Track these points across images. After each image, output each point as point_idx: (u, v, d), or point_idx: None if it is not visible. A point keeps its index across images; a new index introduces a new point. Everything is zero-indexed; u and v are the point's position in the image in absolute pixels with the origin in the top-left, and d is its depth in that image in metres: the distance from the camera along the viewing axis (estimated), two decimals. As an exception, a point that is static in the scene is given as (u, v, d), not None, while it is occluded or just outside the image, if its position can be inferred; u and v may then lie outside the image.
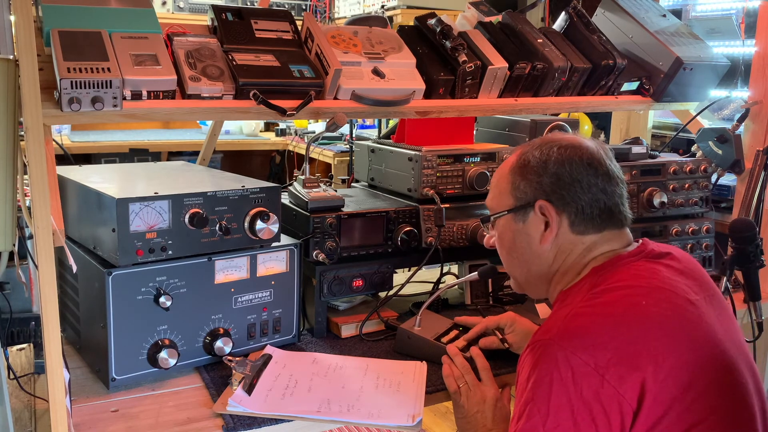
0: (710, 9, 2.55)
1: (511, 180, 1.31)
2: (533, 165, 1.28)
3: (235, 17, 1.57)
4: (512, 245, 1.33)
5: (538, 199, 1.26)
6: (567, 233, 1.26)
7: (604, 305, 1.15)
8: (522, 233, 1.30)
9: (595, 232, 1.26)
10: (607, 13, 2.04)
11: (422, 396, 1.40)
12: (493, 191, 1.37)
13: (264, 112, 1.47)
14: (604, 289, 1.18)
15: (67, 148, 3.63)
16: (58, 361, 1.15)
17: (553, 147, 1.28)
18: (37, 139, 1.12)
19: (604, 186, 1.25)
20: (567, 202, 1.25)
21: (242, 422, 1.29)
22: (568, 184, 1.25)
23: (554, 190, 1.25)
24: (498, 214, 1.34)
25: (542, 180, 1.26)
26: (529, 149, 1.31)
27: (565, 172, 1.25)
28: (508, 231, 1.33)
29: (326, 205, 1.67)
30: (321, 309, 1.69)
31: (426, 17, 1.78)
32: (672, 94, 1.98)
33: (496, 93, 1.75)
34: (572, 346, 1.08)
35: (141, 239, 1.37)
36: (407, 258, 1.79)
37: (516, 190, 1.30)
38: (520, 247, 1.31)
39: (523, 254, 1.32)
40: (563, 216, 1.26)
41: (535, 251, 1.29)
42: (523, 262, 1.33)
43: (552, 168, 1.26)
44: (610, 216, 1.26)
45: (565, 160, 1.26)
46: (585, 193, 1.25)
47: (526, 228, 1.29)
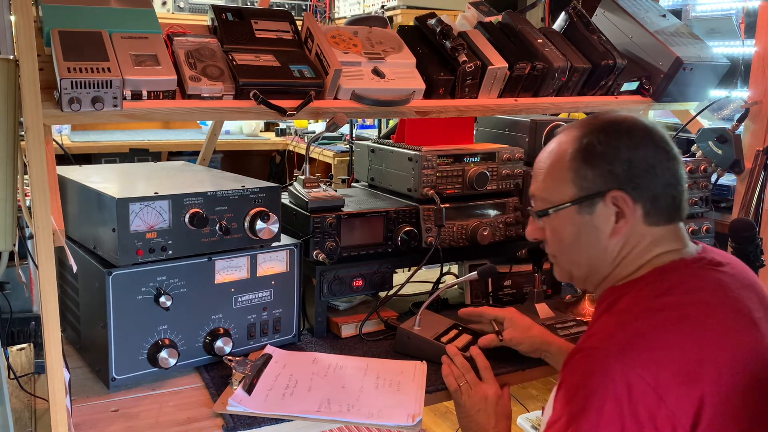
0: (710, 9, 2.55)
1: (574, 168, 1.17)
2: (601, 151, 1.15)
3: (235, 17, 1.57)
4: (575, 239, 1.20)
5: (611, 190, 1.14)
6: (639, 225, 1.16)
7: (668, 319, 1.05)
8: (589, 226, 1.18)
9: (665, 223, 1.17)
10: (607, 13, 2.04)
11: (422, 396, 1.40)
12: (546, 180, 1.22)
13: (264, 112, 1.47)
14: (669, 300, 1.09)
15: (67, 148, 3.63)
16: (58, 361, 1.15)
17: (620, 129, 1.16)
18: (37, 139, 1.12)
19: (676, 170, 1.16)
20: (642, 190, 1.14)
21: (242, 422, 1.29)
22: (643, 170, 1.13)
23: (629, 178, 1.13)
24: (559, 207, 1.20)
25: (614, 168, 1.14)
26: (589, 132, 1.18)
27: (638, 157, 1.13)
28: (570, 224, 1.20)
29: (326, 205, 1.67)
30: (321, 309, 1.69)
31: (426, 17, 1.78)
32: (672, 94, 1.98)
33: (496, 93, 1.75)
34: (631, 361, 1.00)
35: (141, 239, 1.37)
36: (407, 258, 1.79)
37: (581, 180, 1.16)
38: (586, 241, 1.19)
39: (589, 249, 1.20)
40: (638, 206, 1.15)
41: (602, 245, 1.18)
42: (587, 257, 1.21)
43: (625, 153, 1.14)
44: (680, 205, 1.17)
45: (638, 144, 1.14)
46: (659, 179, 1.14)
47: (594, 220, 1.17)
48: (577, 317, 1.78)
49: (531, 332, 1.55)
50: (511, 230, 1.89)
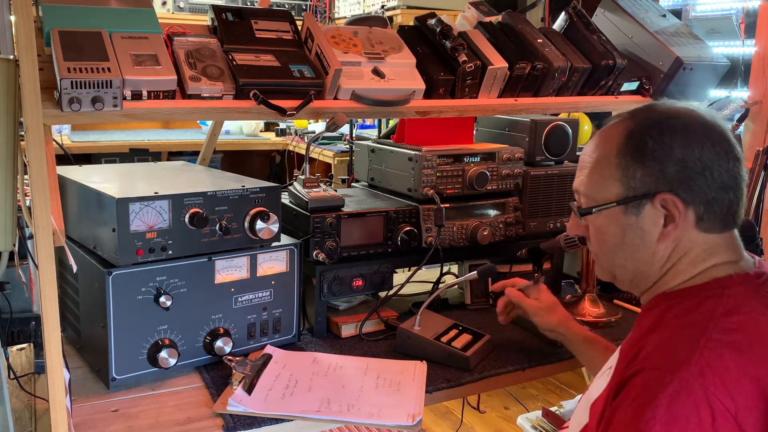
0: (710, 9, 2.55)
1: (622, 164, 1.08)
2: (653, 148, 1.06)
3: (235, 17, 1.57)
4: (620, 241, 1.12)
5: (661, 191, 1.05)
6: (691, 230, 1.07)
7: (741, 341, 0.96)
8: (635, 228, 1.09)
9: (720, 230, 1.08)
10: (607, 13, 2.04)
11: (422, 396, 1.40)
12: (592, 176, 1.13)
13: (264, 112, 1.47)
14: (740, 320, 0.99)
15: (67, 148, 3.63)
16: (58, 360, 1.15)
17: (676, 125, 1.06)
18: (37, 139, 1.12)
19: (735, 171, 1.05)
20: (695, 194, 1.04)
21: (242, 422, 1.29)
22: (697, 172, 1.04)
23: (681, 179, 1.04)
24: (603, 206, 1.11)
25: (666, 168, 1.05)
26: (641, 126, 1.09)
27: (693, 157, 1.04)
28: (615, 225, 1.11)
29: (326, 205, 1.67)
30: (321, 309, 1.69)
31: (426, 17, 1.78)
32: (672, 94, 1.98)
33: (496, 93, 1.75)
34: (714, 387, 0.91)
35: (141, 239, 1.37)
36: (407, 258, 1.79)
37: (630, 179, 1.08)
38: (632, 244, 1.11)
39: (634, 252, 1.11)
40: (690, 210, 1.06)
41: (649, 249, 1.10)
42: (633, 261, 1.13)
43: (678, 152, 1.04)
44: (736, 211, 1.07)
45: (694, 142, 1.04)
46: (715, 182, 1.04)
47: (640, 223, 1.09)
48: (577, 317, 1.78)
49: (554, 311, 1.55)
50: (511, 230, 1.89)
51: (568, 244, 1.72)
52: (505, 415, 3.29)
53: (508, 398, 3.38)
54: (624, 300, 1.93)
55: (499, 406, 3.36)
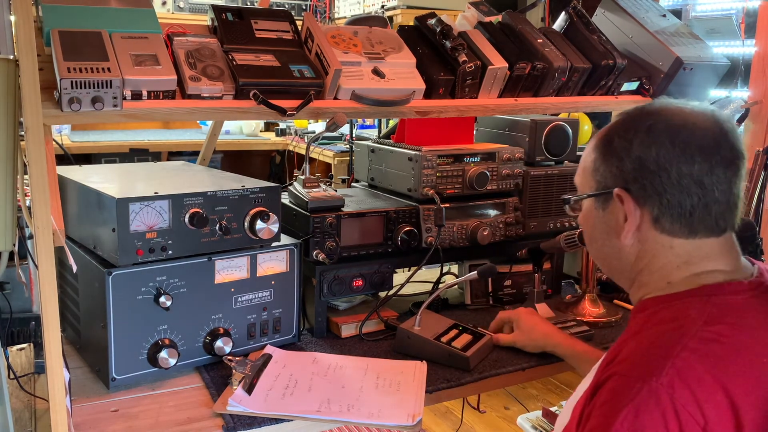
0: (710, 9, 2.55)
1: (594, 159, 1.13)
2: (616, 146, 1.09)
3: (235, 17, 1.57)
4: (592, 233, 1.18)
5: (617, 187, 1.08)
6: (651, 231, 1.07)
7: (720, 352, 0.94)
8: (601, 222, 1.13)
9: (687, 235, 1.06)
10: (607, 13, 2.04)
11: (422, 396, 1.40)
12: (580, 166, 1.19)
13: (264, 112, 1.47)
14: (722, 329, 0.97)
15: (67, 148, 3.63)
16: (58, 361, 1.15)
17: (642, 124, 1.07)
18: (37, 139, 1.12)
19: (702, 177, 1.03)
20: (649, 194, 1.05)
21: (242, 422, 1.29)
22: (652, 172, 1.04)
23: (636, 177, 1.06)
24: (578, 197, 1.18)
25: (623, 165, 1.07)
26: (617, 123, 1.12)
27: (650, 156, 1.04)
28: (590, 216, 1.16)
29: (326, 205, 1.67)
30: (321, 309, 1.69)
31: (426, 17, 1.78)
32: (672, 94, 1.98)
33: (496, 93, 1.75)
34: (683, 398, 0.89)
35: (141, 239, 1.37)
36: (407, 258, 1.79)
37: (597, 174, 1.12)
38: (599, 237, 1.16)
39: (603, 245, 1.15)
40: (644, 210, 1.06)
41: (614, 244, 1.12)
42: (604, 255, 1.17)
43: (636, 151, 1.06)
44: (705, 216, 1.05)
45: (653, 142, 1.05)
46: (673, 185, 1.03)
47: (606, 217, 1.12)
48: (577, 317, 1.78)
49: (533, 334, 1.59)
50: (511, 230, 1.89)
51: (568, 244, 1.72)
52: (505, 415, 3.29)
53: (508, 398, 3.38)
54: (624, 300, 1.93)
55: (499, 406, 3.36)
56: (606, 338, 1.69)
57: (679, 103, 1.11)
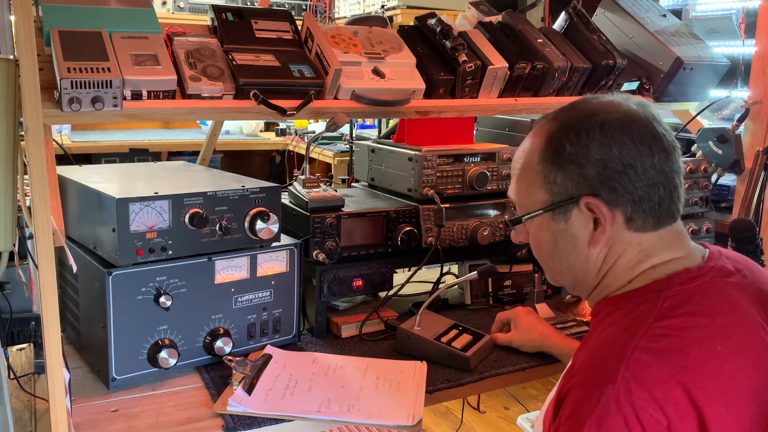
0: (710, 9, 2.55)
1: (543, 171, 1.06)
2: (571, 152, 1.02)
3: (235, 17, 1.57)
4: (552, 248, 1.10)
5: (583, 195, 1.02)
6: (622, 231, 1.03)
7: (672, 347, 0.91)
8: (565, 234, 1.07)
9: (654, 227, 1.03)
10: (607, 13, 2.04)
11: (422, 396, 1.40)
12: (519, 183, 1.12)
13: (264, 112, 1.47)
14: (672, 323, 0.94)
15: (67, 148, 3.63)
16: (58, 361, 1.15)
17: (594, 123, 1.02)
18: (37, 139, 1.12)
19: (662, 165, 1.01)
20: (620, 194, 1.01)
21: (242, 422, 1.29)
22: (619, 172, 1.00)
23: (603, 181, 1.01)
24: (531, 215, 1.10)
25: (585, 171, 1.01)
26: (559, 128, 1.05)
27: (613, 156, 1.00)
28: (546, 232, 1.09)
29: (326, 205, 1.67)
30: (321, 309, 1.69)
31: (426, 17, 1.78)
32: (672, 94, 1.98)
33: (496, 93, 1.75)
34: (642, 400, 0.87)
35: (141, 239, 1.37)
36: (407, 258, 1.79)
37: (552, 184, 1.05)
38: (564, 250, 1.09)
39: (568, 258, 1.09)
40: (617, 211, 1.02)
41: (581, 254, 1.07)
42: (568, 267, 1.10)
43: (596, 154, 1.00)
44: (669, 206, 1.03)
45: (612, 141, 1.00)
46: (640, 179, 1.00)
47: (570, 228, 1.06)
48: (577, 317, 1.78)
49: (531, 335, 1.59)
50: (511, 230, 1.89)
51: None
52: (505, 415, 3.29)
53: (508, 398, 3.38)
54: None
55: (499, 406, 3.36)
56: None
57: (598, 96, 1.09)
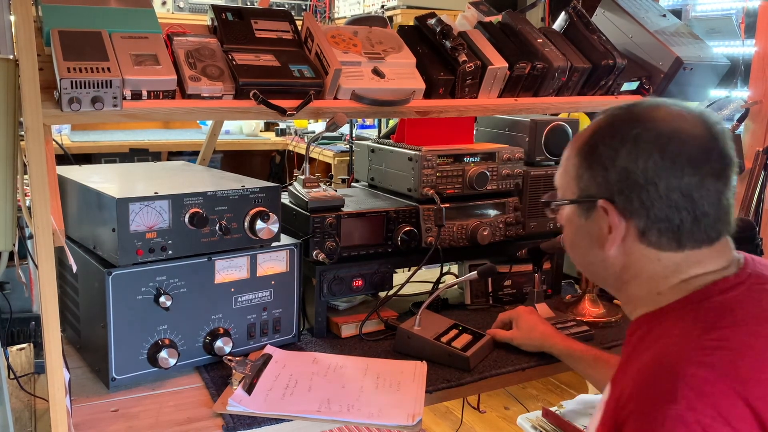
0: (710, 9, 2.55)
1: (576, 164, 1.06)
2: (601, 153, 1.01)
3: (235, 17, 1.57)
4: (573, 240, 1.12)
5: (601, 198, 1.02)
6: (636, 244, 1.02)
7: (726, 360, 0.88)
8: (583, 230, 1.07)
9: (676, 248, 1.00)
10: (607, 13, 2.04)
11: (422, 396, 1.40)
12: (561, 171, 1.11)
13: (264, 112, 1.47)
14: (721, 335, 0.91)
15: (67, 148, 3.63)
16: (58, 361, 1.15)
17: (630, 130, 1.00)
18: (37, 139, 1.12)
19: (691, 192, 0.97)
20: (635, 207, 0.99)
21: (242, 422, 1.29)
22: (639, 185, 0.98)
23: (621, 190, 1.00)
24: (560, 202, 1.11)
25: (609, 175, 1.01)
26: (602, 126, 1.04)
27: (637, 169, 0.98)
28: (570, 223, 1.10)
29: (326, 205, 1.67)
30: (321, 309, 1.69)
31: (426, 17, 1.78)
32: (672, 94, 1.98)
33: (496, 93, 1.75)
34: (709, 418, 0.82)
35: (141, 239, 1.37)
36: (407, 258, 1.79)
37: (579, 180, 1.05)
38: (581, 245, 1.10)
39: (586, 253, 1.10)
40: (630, 223, 1.01)
41: (597, 254, 1.06)
42: (585, 262, 1.12)
43: (622, 161, 0.99)
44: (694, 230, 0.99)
45: (641, 153, 0.98)
46: (661, 199, 0.97)
47: (588, 226, 1.06)
48: (577, 317, 1.78)
49: (532, 334, 1.59)
50: (511, 230, 1.89)
51: (568, 244, 1.72)
52: (505, 415, 3.29)
53: (508, 398, 3.38)
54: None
55: (499, 406, 3.36)
56: (606, 338, 1.69)
57: (668, 104, 1.05)
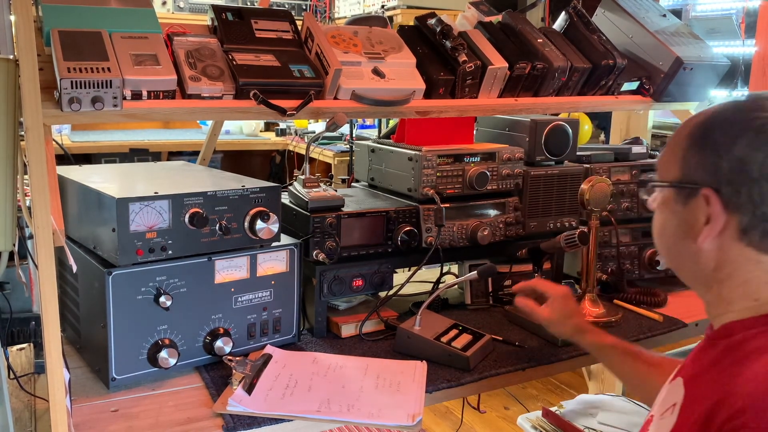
0: (710, 9, 2.55)
1: (684, 147, 0.99)
2: (716, 139, 0.95)
3: (235, 17, 1.57)
4: (666, 226, 1.04)
5: (706, 186, 0.95)
6: (735, 241, 0.95)
7: None
8: (679, 218, 1.00)
9: None
10: (607, 13, 2.04)
11: (422, 396, 1.40)
12: (666, 151, 1.05)
13: (264, 112, 1.47)
14: None
15: (67, 148, 3.63)
16: (58, 360, 1.15)
17: (753, 120, 0.93)
18: (37, 139, 1.12)
19: None
20: (742, 202, 0.92)
21: (242, 422, 1.29)
22: (752, 179, 0.91)
23: (731, 180, 0.93)
24: (659, 183, 1.04)
25: (720, 163, 0.94)
26: (720, 113, 0.98)
27: (755, 161, 0.91)
28: (666, 208, 1.03)
29: (326, 204, 1.67)
30: (321, 309, 1.69)
31: (426, 17, 1.78)
32: (672, 94, 1.98)
33: (496, 93, 1.75)
34: None
35: (141, 239, 1.37)
36: (407, 258, 1.79)
37: (685, 163, 0.99)
38: (672, 233, 1.03)
39: (677, 242, 1.02)
40: (732, 217, 0.94)
41: (688, 246, 0.99)
42: (676, 251, 1.04)
43: (739, 151, 0.92)
44: None
45: (762, 146, 0.91)
46: None
47: (685, 213, 0.99)
48: (577, 317, 1.78)
49: (567, 321, 1.52)
50: (511, 230, 1.89)
51: (568, 244, 1.72)
52: (505, 415, 3.29)
53: (508, 398, 3.38)
54: (624, 300, 1.93)
55: (499, 406, 3.36)
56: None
57: None
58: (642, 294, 1.93)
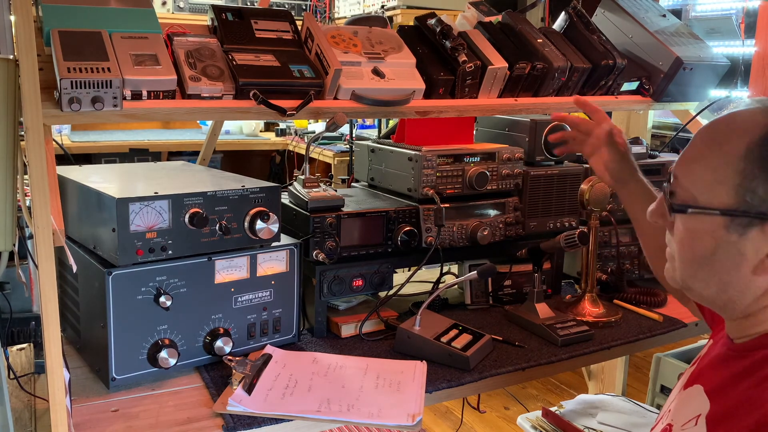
0: (710, 9, 2.55)
1: (745, 171, 0.86)
2: None
3: (235, 17, 1.57)
4: (709, 256, 0.92)
5: None
6: None
7: None
8: (732, 249, 0.89)
9: None
10: (607, 13, 2.04)
11: (422, 396, 1.40)
12: (700, 168, 0.92)
13: (264, 112, 1.47)
14: None
15: (67, 148, 3.63)
16: (58, 361, 1.15)
17: None
18: (37, 139, 1.13)
19: None
20: None
21: (242, 422, 1.29)
22: None
23: None
24: (701, 210, 0.91)
25: None
26: None
27: None
28: (708, 236, 0.91)
29: (326, 204, 1.67)
30: (321, 309, 1.69)
31: (426, 17, 1.78)
32: (672, 94, 1.98)
33: (496, 93, 1.75)
34: None
35: (141, 239, 1.37)
36: (407, 258, 1.79)
37: (748, 191, 0.86)
38: (722, 265, 0.91)
39: (723, 274, 0.91)
40: None
41: (742, 278, 0.90)
42: (719, 282, 0.93)
43: None
44: None
45: None
46: None
47: (741, 245, 0.88)
48: (577, 317, 1.78)
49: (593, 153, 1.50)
50: (511, 230, 1.89)
51: (568, 244, 1.72)
52: (505, 415, 3.29)
53: (508, 398, 3.38)
54: (624, 300, 1.93)
55: (499, 406, 3.36)
56: (606, 338, 1.69)
57: None
58: (642, 294, 1.93)
